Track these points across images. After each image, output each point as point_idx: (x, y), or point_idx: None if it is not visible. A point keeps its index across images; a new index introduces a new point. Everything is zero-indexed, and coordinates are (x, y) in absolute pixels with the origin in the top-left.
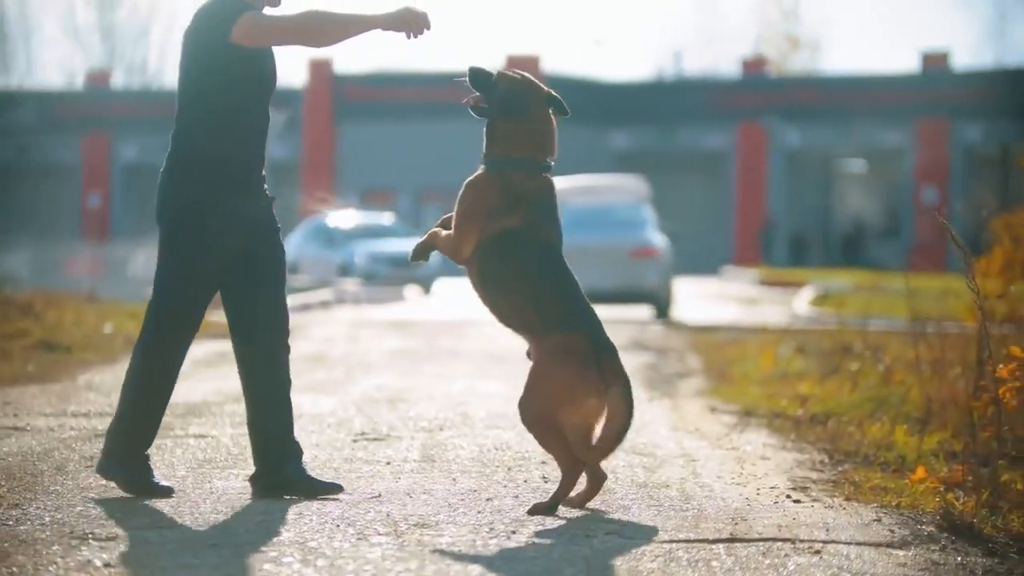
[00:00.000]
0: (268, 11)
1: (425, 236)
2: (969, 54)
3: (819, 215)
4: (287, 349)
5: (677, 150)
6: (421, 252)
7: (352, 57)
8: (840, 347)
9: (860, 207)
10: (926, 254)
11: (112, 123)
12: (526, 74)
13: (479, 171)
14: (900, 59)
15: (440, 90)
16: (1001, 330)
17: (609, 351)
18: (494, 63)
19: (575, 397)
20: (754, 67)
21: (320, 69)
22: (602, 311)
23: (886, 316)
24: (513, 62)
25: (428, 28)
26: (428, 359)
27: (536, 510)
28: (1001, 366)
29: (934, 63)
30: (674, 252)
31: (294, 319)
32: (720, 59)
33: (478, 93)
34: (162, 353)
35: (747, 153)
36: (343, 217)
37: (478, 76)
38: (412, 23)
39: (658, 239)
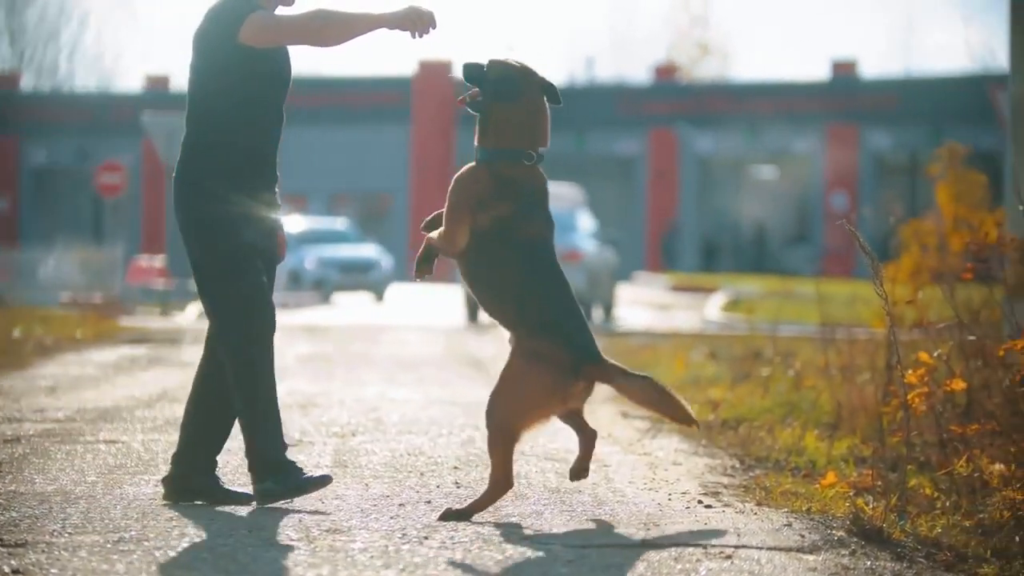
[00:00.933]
0: (281, 10)
1: (421, 248)
2: (878, 62)
3: (730, 221)
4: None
5: (589, 155)
6: (423, 262)
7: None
8: (751, 352)
9: (770, 213)
10: (836, 260)
11: (21, 126)
12: (520, 60)
13: (471, 164)
14: (810, 67)
15: (351, 95)
16: (910, 336)
17: (591, 358)
18: (404, 68)
19: (540, 407)
20: (665, 73)
21: None
22: None
23: (796, 322)
24: (425, 67)
25: (434, 27)
26: (340, 364)
27: (448, 516)
28: (910, 372)
29: (843, 71)
30: (618, 256)
31: (203, 326)
32: (631, 65)
33: (474, 88)
34: (260, 349)
35: (658, 159)
36: (293, 222)
37: (470, 69)
38: (418, 22)
39: (587, 244)
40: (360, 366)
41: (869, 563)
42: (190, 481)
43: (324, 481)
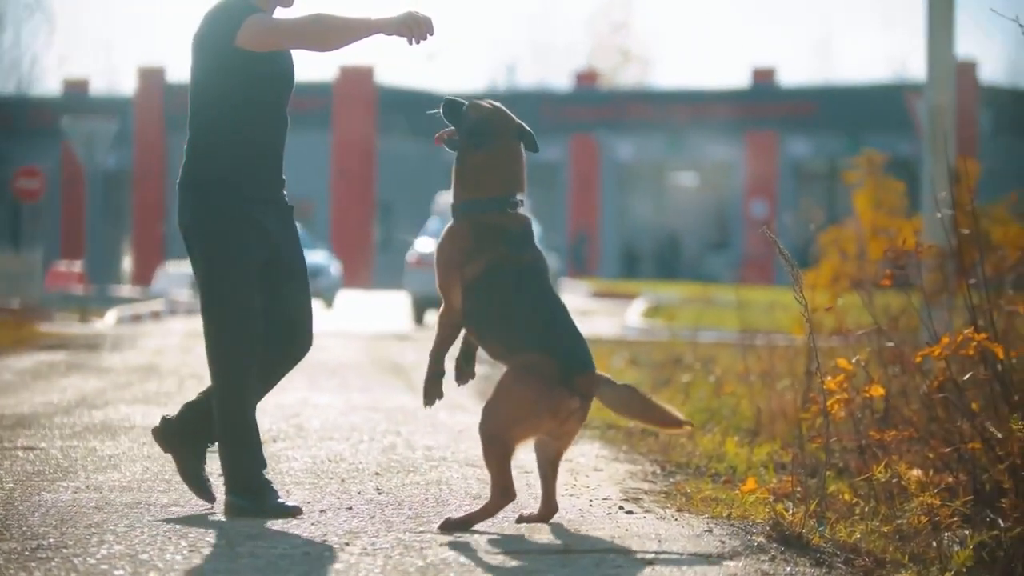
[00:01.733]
0: (279, 12)
1: (428, 371)
2: (797, 71)
3: (650, 227)
4: (296, 362)
5: None
6: (431, 386)
7: (184, 67)
8: (672, 359)
9: (690, 220)
10: (755, 267)
11: None
12: (498, 105)
13: (449, 223)
14: (731, 75)
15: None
16: (829, 342)
17: (584, 368)
18: (326, 74)
19: (532, 418)
20: (586, 80)
21: (151, 77)
22: None
23: (716, 328)
24: (346, 73)
25: (431, 33)
26: None
27: (447, 526)
28: (829, 378)
29: (763, 79)
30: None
31: (123, 331)
32: (553, 72)
33: (451, 127)
34: (236, 365)
35: (579, 165)
36: None
37: (451, 107)
38: (415, 28)
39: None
40: None
41: (789, 569)
42: (179, 438)
43: (295, 512)
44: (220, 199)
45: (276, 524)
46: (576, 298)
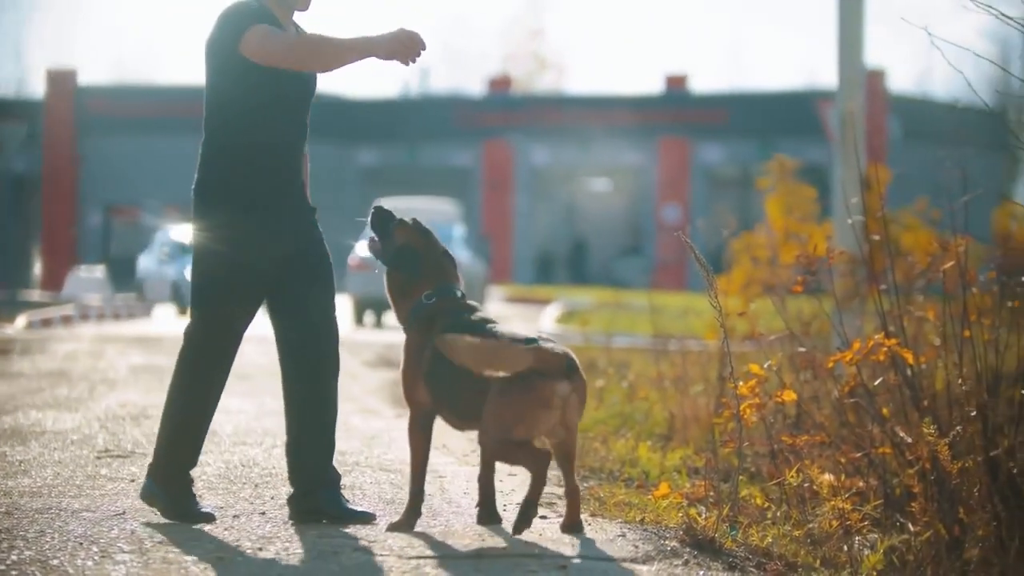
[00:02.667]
0: (297, 16)
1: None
2: (709, 78)
3: (563, 233)
4: (337, 366)
5: (423, 167)
6: (406, 519)
7: (94, 70)
8: (585, 364)
9: (603, 225)
10: (668, 272)
11: None
12: (423, 226)
13: (406, 337)
14: (644, 82)
15: (184, 104)
16: (741, 347)
17: (566, 355)
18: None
19: (529, 413)
20: (500, 86)
21: (61, 80)
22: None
23: (630, 333)
24: None
25: (424, 49)
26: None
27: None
28: (741, 383)
29: (675, 85)
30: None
31: (33, 335)
32: (467, 78)
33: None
34: (205, 370)
35: (492, 171)
36: (180, 231)
37: (379, 220)
38: (410, 49)
39: (464, 255)
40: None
41: (702, 573)
42: (315, 499)
43: (209, 518)
44: (230, 204)
45: (188, 531)
46: (490, 303)
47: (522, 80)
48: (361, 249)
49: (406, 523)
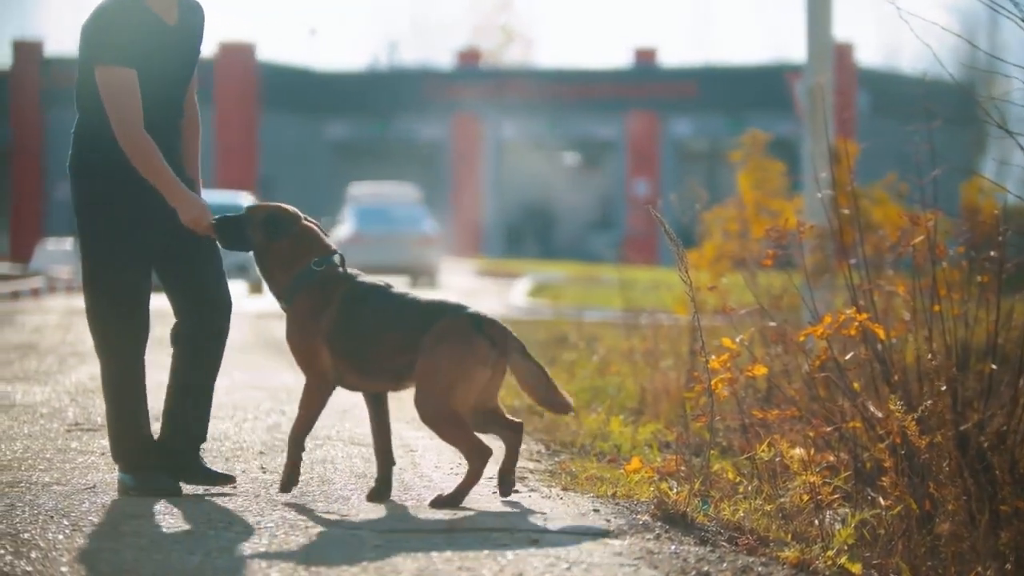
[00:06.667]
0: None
1: (288, 450)
2: (678, 51)
3: (533, 207)
4: (221, 336)
5: (392, 140)
6: (292, 473)
7: (61, 40)
8: (556, 338)
9: (572, 199)
10: (638, 246)
11: None
12: (261, 202)
13: (286, 317)
14: (613, 55)
15: None
16: (712, 321)
17: (490, 321)
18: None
19: (466, 375)
20: (469, 59)
21: (27, 51)
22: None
23: (600, 307)
24: (226, 49)
25: (208, 236)
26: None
27: (438, 503)
28: (713, 357)
29: (645, 59)
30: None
31: (2, 307)
32: (435, 50)
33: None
34: (123, 350)
35: (461, 144)
36: None
37: (227, 225)
38: (199, 226)
39: (434, 230)
40: (163, 351)
41: (673, 547)
42: (185, 458)
43: (176, 490)
44: (108, 183)
45: (159, 503)
46: (461, 277)
47: (491, 53)
48: (341, 231)
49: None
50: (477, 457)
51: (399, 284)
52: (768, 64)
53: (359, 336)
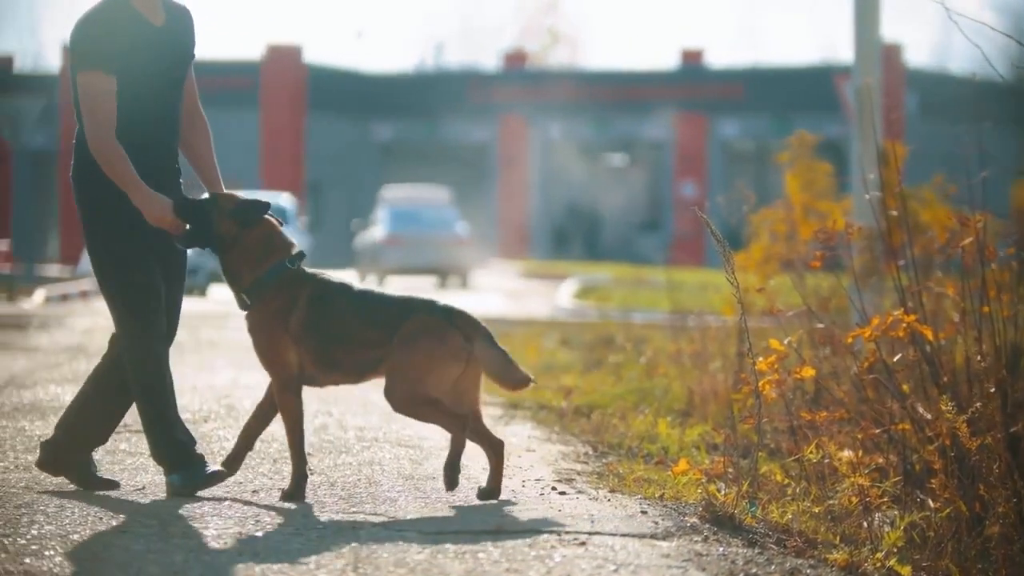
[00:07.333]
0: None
1: (293, 460)
2: (726, 52)
3: (580, 208)
4: (164, 360)
5: (440, 142)
6: (295, 487)
7: None
8: (603, 340)
9: (620, 200)
10: (685, 248)
11: None
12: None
13: (247, 314)
14: (660, 56)
15: (199, 79)
16: (760, 323)
17: (459, 313)
18: (253, 53)
19: (438, 367)
20: (515, 60)
21: None
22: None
23: (647, 309)
24: (273, 51)
25: (176, 235)
26: (191, 350)
27: (484, 495)
28: (760, 359)
29: (692, 60)
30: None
31: (51, 310)
32: (481, 52)
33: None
34: (150, 349)
35: (508, 146)
36: None
37: (193, 207)
38: (164, 222)
39: (465, 232)
40: (210, 352)
41: (721, 549)
42: (80, 457)
43: (222, 476)
44: (108, 189)
45: (207, 505)
46: (507, 279)
47: (537, 55)
48: (376, 232)
49: (296, 494)
50: (459, 428)
51: (429, 285)
52: (816, 65)
53: (331, 334)
